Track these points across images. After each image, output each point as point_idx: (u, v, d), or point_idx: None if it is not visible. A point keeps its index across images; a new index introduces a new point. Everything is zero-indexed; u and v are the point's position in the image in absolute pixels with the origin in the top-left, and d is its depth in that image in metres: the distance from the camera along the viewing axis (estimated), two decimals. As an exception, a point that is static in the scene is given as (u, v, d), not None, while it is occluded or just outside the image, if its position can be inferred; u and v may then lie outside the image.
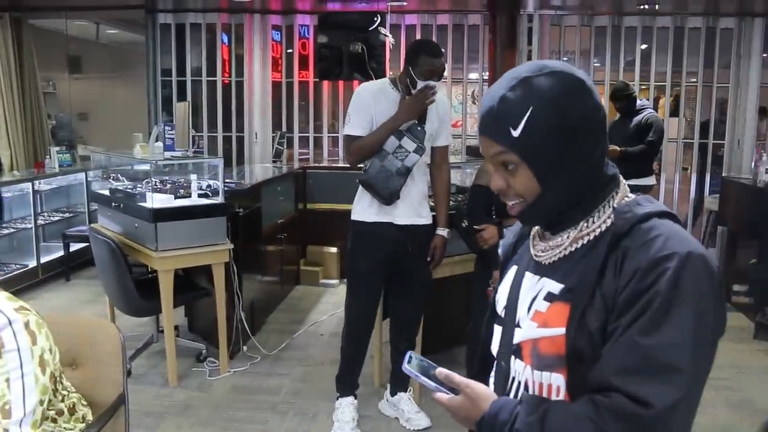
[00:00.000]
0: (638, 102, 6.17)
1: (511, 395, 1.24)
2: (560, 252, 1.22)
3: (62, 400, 2.01)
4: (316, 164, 7.36)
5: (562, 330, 1.14)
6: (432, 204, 3.58)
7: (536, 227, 1.31)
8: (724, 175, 6.54)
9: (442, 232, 3.54)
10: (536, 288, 1.23)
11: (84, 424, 2.09)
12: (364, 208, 3.43)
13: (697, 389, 1.07)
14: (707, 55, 7.19)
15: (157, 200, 4.14)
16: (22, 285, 5.89)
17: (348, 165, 3.56)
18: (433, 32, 7.46)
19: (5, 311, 1.82)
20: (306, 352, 4.72)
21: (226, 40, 7.82)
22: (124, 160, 5.06)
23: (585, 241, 1.20)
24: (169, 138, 4.42)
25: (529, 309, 1.22)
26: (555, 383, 1.17)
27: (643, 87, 7.30)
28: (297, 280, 6.39)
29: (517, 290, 1.28)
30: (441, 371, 1.20)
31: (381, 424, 3.67)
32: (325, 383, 4.10)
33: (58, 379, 1.95)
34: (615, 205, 1.19)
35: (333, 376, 3.72)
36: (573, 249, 1.21)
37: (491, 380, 1.33)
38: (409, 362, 1.23)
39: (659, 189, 7.28)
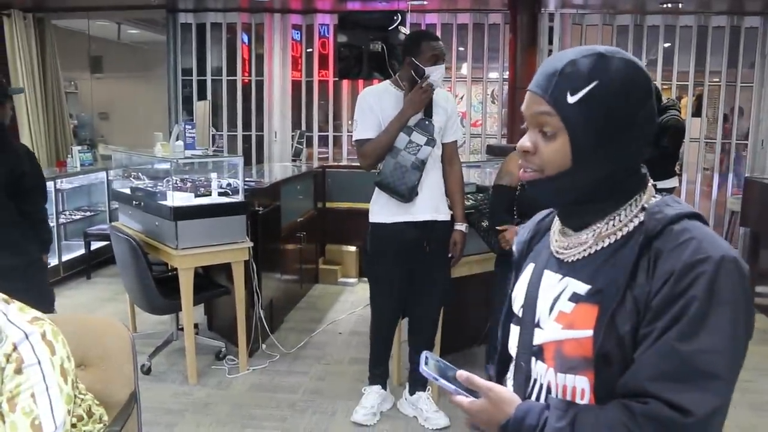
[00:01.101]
0: (664, 101, 6.12)
1: (533, 398, 1.21)
2: (584, 250, 1.18)
3: (79, 405, 2.00)
4: (336, 163, 7.36)
5: (589, 332, 1.11)
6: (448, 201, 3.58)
7: (556, 223, 1.27)
8: (746, 175, 6.45)
9: (461, 227, 3.54)
10: (558, 287, 1.19)
11: (102, 425, 2.08)
12: (382, 209, 3.42)
13: (731, 394, 1.05)
14: (731, 55, 7.11)
15: (178, 199, 4.16)
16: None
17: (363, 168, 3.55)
18: (453, 31, 7.43)
19: (20, 325, 1.79)
20: (324, 350, 4.72)
21: (246, 39, 7.85)
22: (145, 158, 5.09)
23: (612, 240, 1.16)
24: (190, 137, 4.44)
25: (552, 309, 1.19)
26: (579, 386, 1.14)
27: (665, 86, 7.22)
28: (316, 279, 6.40)
29: (536, 289, 1.25)
30: (461, 374, 1.17)
31: (399, 422, 3.65)
32: (343, 381, 4.09)
33: (75, 384, 1.94)
34: (645, 205, 1.16)
35: (352, 374, 3.72)
36: (599, 248, 1.17)
37: (509, 382, 1.30)
38: (426, 363, 1.20)
39: (681, 189, 7.20)
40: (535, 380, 1.22)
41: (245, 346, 4.31)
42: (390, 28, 7.15)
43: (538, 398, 1.20)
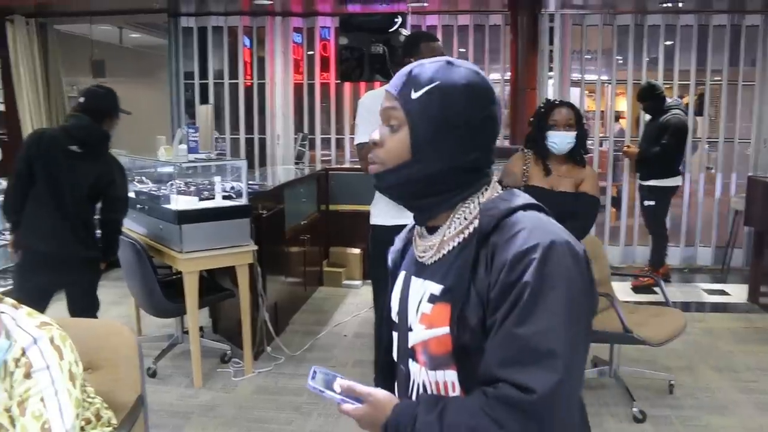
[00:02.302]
0: (667, 101, 6.13)
1: (413, 397, 1.29)
2: (438, 252, 1.26)
3: (88, 408, 2.01)
4: (338, 165, 7.38)
5: (446, 329, 1.19)
6: None
7: (417, 228, 1.35)
8: (750, 174, 6.45)
9: None
10: (421, 291, 1.28)
11: (110, 428, 2.09)
12: (382, 212, 3.42)
13: (576, 369, 1.12)
14: (732, 53, 7.11)
15: (182, 202, 4.18)
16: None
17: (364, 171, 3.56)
18: (454, 33, 7.44)
19: (28, 330, 1.81)
20: (330, 352, 4.73)
21: (247, 42, 7.86)
22: (148, 162, 5.11)
23: (461, 239, 1.24)
24: (193, 140, 4.44)
25: (417, 312, 1.28)
26: (449, 380, 1.23)
27: (666, 86, 7.21)
28: (320, 281, 6.41)
29: (407, 295, 1.33)
30: (342, 383, 1.23)
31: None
32: (348, 384, 4.10)
33: (83, 387, 1.95)
34: (480, 203, 1.24)
35: (357, 376, 3.69)
36: (449, 248, 1.25)
37: (396, 385, 1.38)
38: (313, 378, 1.24)
39: (684, 189, 7.21)
40: (413, 380, 1.31)
41: (250, 349, 4.32)
42: (391, 30, 7.16)
43: (417, 397, 1.29)
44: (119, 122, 3.91)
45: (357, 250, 6.46)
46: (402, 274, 1.39)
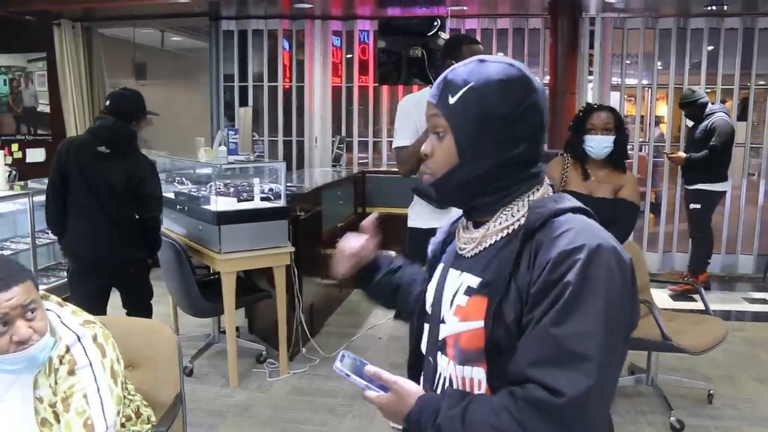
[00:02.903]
0: (709, 107, 6.04)
1: (438, 391, 1.28)
2: (479, 245, 1.26)
3: (128, 405, 2.05)
4: (375, 168, 7.40)
5: (480, 323, 1.18)
6: None
7: (462, 220, 1.35)
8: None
9: None
10: (458, 283, 1.27)
11: (150, 426, 2.13)
12: (419, 215, 3.42)
13: (609, 377, 1.09)
14: (778, 57, 6.97)
15: (221, 203, 4.22)
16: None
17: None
18: (493, 36, 7.41)
19: (72, 327, 1.85)
20: (364, 355, 4.70)
21: (287, 45, 7.93)
22: (188, 163, 5.18)
23: (504, 234, 1.23)
24: (233, 142, 4.49)
25: (451, 304, 1.26)
26: (476, 377, 1.21)
27: (708, 90, 7.10)
28: (355, 284, 6.40)
29: (443, 286, 1.32)
30: (370, 368, 1.23)
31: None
32: (383, 387, 4.11)
33: (124, 385, 1.99)
34: (530, 201, 1.23)
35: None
36: (492, 242, 1.25)
37: (422, 377, 1.37)
38: (341, 361, 1.26)
39: (725, 195, 7.07)
40: (440, 374, 1.29)
41: (286, 350, 4.36)
42: (430, 34, 7.16)
43: (442, 391, 1.27)
44: (157, 124, 3.96)
45: (393, 253, 6.44)
46: (440, 266, 1.38)
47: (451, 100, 1.21)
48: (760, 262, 7.07)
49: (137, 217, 3.81)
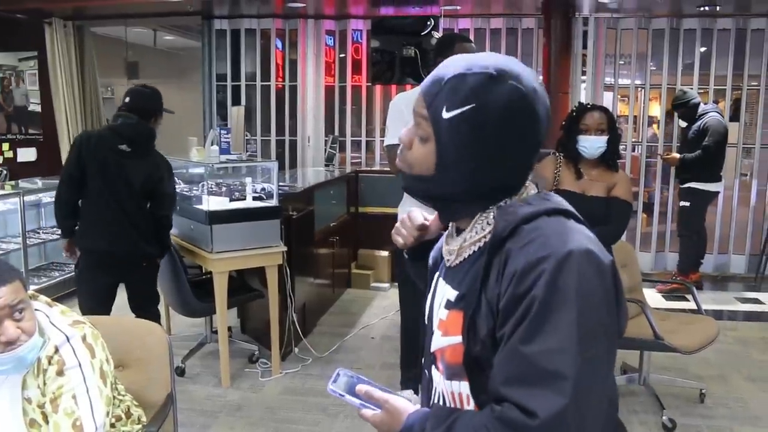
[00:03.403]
0: (701, 107, 6.05)
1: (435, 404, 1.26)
2: (459, 256, 1.21)
3: (118, 405, 2.04)
4: (368, 168, 7.40)
5: (459, 338, 1.13)
6: None
7: (450, 227, 1.28)
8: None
9: None
10: (441, 295, 1.23)
11: (140, 426, 2.12)
12: None
13: (589, 393, 1.01)
14: (771, 58, 6.98)
15: (213, 203, 4.21)
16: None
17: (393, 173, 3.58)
18: (486, 36, 7.41)
19: (61, 328, 1.84)
20: (357, 354, 4.73)
21: (280, 45, 7.91)
22: (180, 163, 5.15)
23: (480, 245, 1.17)
24: (225, 142, 4.48)
25: (436, 316, 1.23)
26: (464, 392, 1.17)
27: (701, 91, 7.11)
28: (348, 283, 6.42)
29: (434, 297, 1.28)
30: (361, 388, 1.20)
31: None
32: (375, 387, 4.10)
33: (114, 385, 1.98)
34: (500, 207, 1.16)
35: (384, 378, 3.73)
36: (470, 252, 1.19)
37: (420, 390, 1.36)
38: (335, 381, 1.23)
39: (718, 195, 7.08)
40: (435, 388, 1.26)
41: (278, 350, 4.35)
42: (423, 33, 7.15)
43: (433, 405, 1.25)
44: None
45: (385, 253, 6.46)
46: (436, 275, 1.33)
47: (446, 114, 1.11)
48: (752, 262, 7.09)
49: (151, 213, 3.83)
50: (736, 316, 5.81)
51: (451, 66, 1.15)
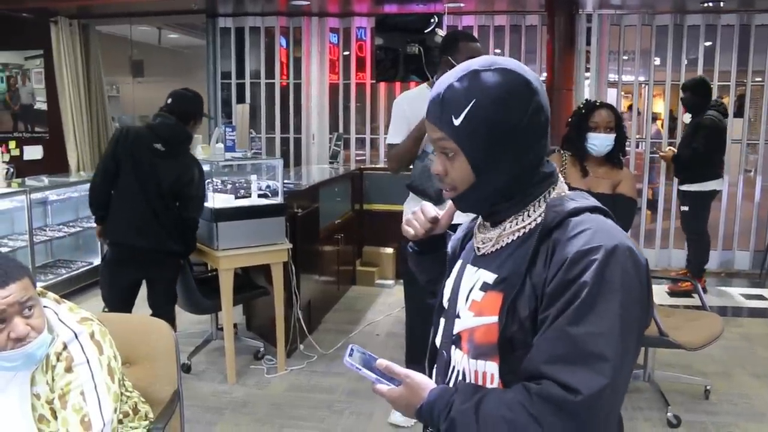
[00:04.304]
0: (711, 102, 5.97)
1: (451, 384, 1.29)
2: (497, 243, 1.27)
3: (126, 402, 2.05)
4: (373, 165, 7.41)
5: (495, 318, 1.19)
6: None
7: (479, 219, 1.35)
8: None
9: None
10: (474, 279, 1.28)
11: (147, 422, 2.13)
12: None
13: (623, 376, 1.10)
14: (775, 53, 6.97)
15: (218, 200, 4.23)
16: (86, 282, 6.06)
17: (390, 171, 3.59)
18: (490, 33, 7.41)
19: (69, 324, 1.86)
20: (362, 351, 4.74)
21: (284, 43, 7.92)
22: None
23: (521, 233, 1.24)
24: (230, 139, 4.50)
25: (467, 299, 1.28)
26: (489, 371, 1.22)
27: (705, 87, 7.11)
28: (353, 281, 6.43)
29: (459, 282, 1.33)
30: (381, 362, 1.25)
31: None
32: (381, 383, 4.11)
33: (121, 382, 2.00)
34: (548, 200, 1.24)
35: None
36: (509, 240, 1.26)
37: (435, 371, 1.39)
38: (350, 355, 1.27)
39: (722, 192, 7.08)
40: (454, 367, 1.30)
41: (283, 347, 4.36)
42: (427, 31, 7.17)
43: (455, 384, 1.28)
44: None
45: (390, 250, 6.47)
46: (459, 263, 1.39)
47: (456, 122, 1.19)
48: (756, 258, 7.08)
49: (179, 214, 3.90)
50: (740, 312, 5.81)
51: (440, 85, 1.24)
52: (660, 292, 5.98)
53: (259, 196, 4.45)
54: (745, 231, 7.20)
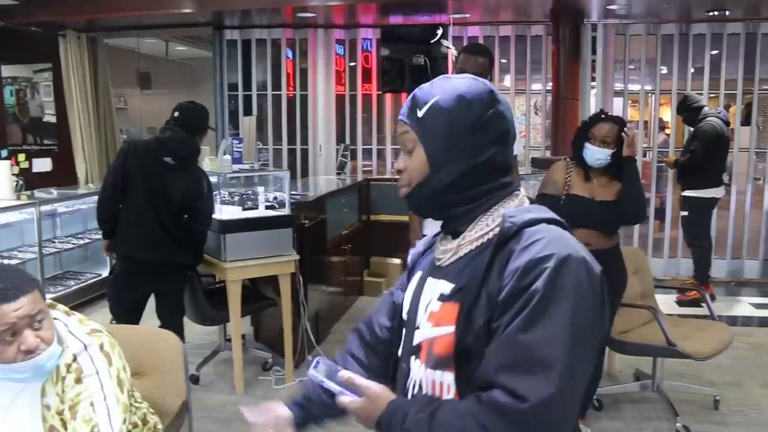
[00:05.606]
0: (704, 111, 5.99)
1: (409, 395, 1.31)
2: (455, 254, 1.29)
3: (135, 413, 2.06)
4: (379, 176, 7.42)
5: (452, 328, 1.20)
6: None
7: (440, 233, 1.37)
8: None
9: None
10: (433, 290, 1.29)
11: (156, 433, 2.14)
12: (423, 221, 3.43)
13: (573, 385, 1.10)
14: (781, 62, 6.96)
15: (226, 212, 4.24)
16: (94, 294, 6.08)
17: None
18: (495, 44, 7.43)
19: (79, 336, 1.87)
20: (369, 362, 4.73)
21: (290, 54, 7.96)
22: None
23: (479, 243, 1.26)
24: (237, 151, 4.51)
25: (426, 310, 1.30)
26: (446, 381, 1.23)
27: (712, 95, 7.11)
28: (360, 291, 6.43)
29: (419, 294, 1.34)
30: (344, 374, 1.26)
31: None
32: (388, 394, 4.11)
33: (130, 393, 2.00)
34: (504, 211, 1.26)
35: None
36: (467, 251, 1.27)
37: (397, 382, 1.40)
38: (315, 367, 1.28)
39: (730, 200, 7.07)
40: (412, 378, 1.31)
41: (291, 357, 4.36)
42: (432, 42, 7.19)
43: (412, 395, 1.30)
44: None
45: (397, 260, 6.47)
46: (418, 275, 1.41)
47: (419, 114, 1.26)
48: (766, 267, 7.05)
49: (187, 227, 3.91)
50: (750, 321, 5.78)
51: (415, 90, 1.33)
52: (669, 302, 5.95)
53: (267, 207, 4.46)
54: (754, 240, 7.17)
